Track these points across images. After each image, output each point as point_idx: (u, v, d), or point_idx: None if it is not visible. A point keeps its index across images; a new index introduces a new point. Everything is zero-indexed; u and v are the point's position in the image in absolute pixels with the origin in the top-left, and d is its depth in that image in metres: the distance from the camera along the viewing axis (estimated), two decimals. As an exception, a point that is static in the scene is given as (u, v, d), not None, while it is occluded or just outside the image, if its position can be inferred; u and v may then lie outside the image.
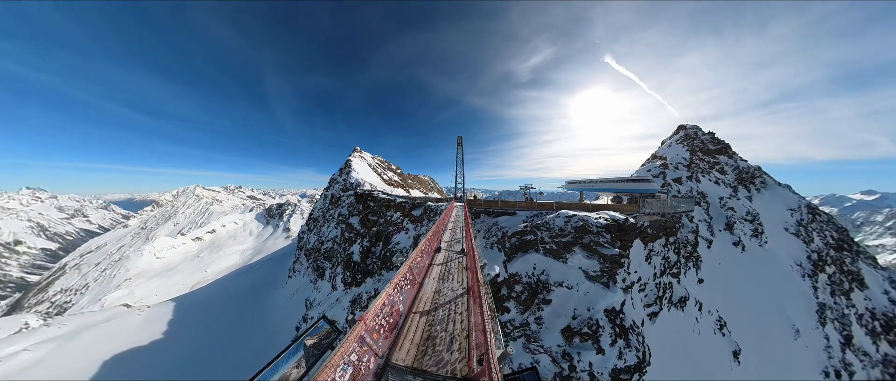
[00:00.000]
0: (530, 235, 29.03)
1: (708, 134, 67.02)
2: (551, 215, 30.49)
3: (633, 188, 46.63)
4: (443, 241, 13.86)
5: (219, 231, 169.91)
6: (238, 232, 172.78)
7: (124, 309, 55.59)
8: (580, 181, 63.73)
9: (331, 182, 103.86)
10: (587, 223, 27.92)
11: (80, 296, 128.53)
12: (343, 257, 62.75)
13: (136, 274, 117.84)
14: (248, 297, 68.21)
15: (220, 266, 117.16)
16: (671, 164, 62.75)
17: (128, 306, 58.24)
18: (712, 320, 35.43)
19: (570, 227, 28.25)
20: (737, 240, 46.20)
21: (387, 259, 49.01)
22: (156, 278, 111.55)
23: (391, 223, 50.20)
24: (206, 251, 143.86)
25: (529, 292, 25.80)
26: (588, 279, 25.46)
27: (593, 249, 26.45)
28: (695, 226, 45.53)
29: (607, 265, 25.52)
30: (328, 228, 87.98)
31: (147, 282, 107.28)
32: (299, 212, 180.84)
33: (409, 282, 7.14)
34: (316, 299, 65.15)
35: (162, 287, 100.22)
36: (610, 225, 27.67)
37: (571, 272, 26.18)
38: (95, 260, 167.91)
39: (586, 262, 26.32)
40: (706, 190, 57.10)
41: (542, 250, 28.19)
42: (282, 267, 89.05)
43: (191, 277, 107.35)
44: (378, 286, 42.34)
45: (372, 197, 59.85)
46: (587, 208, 34.83)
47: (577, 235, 27.57)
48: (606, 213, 30.06)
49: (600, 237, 26.65)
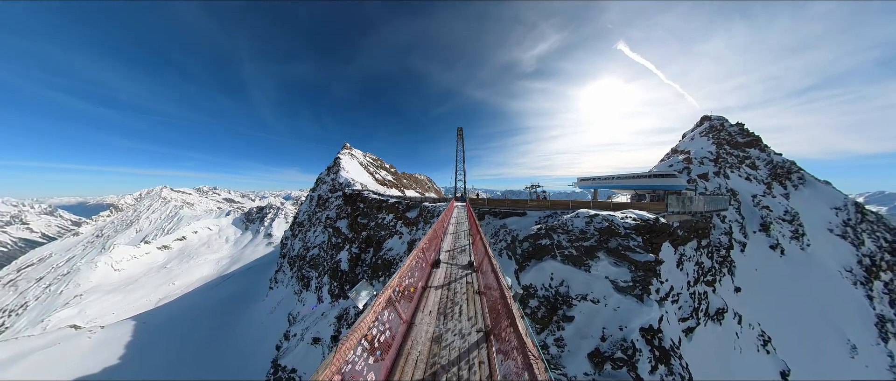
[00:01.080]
0: (545, 238, 26.28)
1: (736, 125, 64.73)
2: (569, 215, 27.78)
3: (657, 185, 44.16)
4: (442, 250, 11.06)
5: (190, 238, 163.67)
6: (212, 239, 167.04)
7: (71, 331, 52.04)
8: (593, 178, 61.25)
9: (317, 182, 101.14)
10: (613, 224, 25.19)
11: (16, 317, 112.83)
12: (330, 266, 59.93)
13: (88, 289, 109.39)
14: (223, 312, 64.93)
15: (191, 278, 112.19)
16: (695, 158, 60.34)
17: (76, 328, 54.73)
18: (754, 335, 32.83)
19: (592, 229, 25.53)
20: (774, 243, 43.73)
21: (378, 267, 46.23)
22: (113, 293, 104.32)
23: (383, 227, 47.38)
24: (175, 261, 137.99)
25: (547, 308, 23.05)
26: (617, 291, 22.73)
27: (622, 254, 23.72)
28: (728, 227, 43.01)
29: (640, 274, 22.80)
30: (314, 233, 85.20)
31: (102, 298, 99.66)
32: (283, 215, 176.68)
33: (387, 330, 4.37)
34: (300, 313, 62.28)
35: (120, 304, 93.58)
36: (640, 226, 24.97)
37: (596, 283, 23.45)
38: (37, 274, 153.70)
39: (614, 270, 23.59)
40: (736, 187, 54.67)
41: (560, 257, 25.44)
42: (262, 277, 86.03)
43: (155, 291, 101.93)
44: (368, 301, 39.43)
45: (361, 198, 57.05)
46: (607, 206, 32.18)
47: (602, 238, 24.84)
48: (632, 212, 27.38)
49: (630, 241, 23.93)
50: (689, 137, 70.67)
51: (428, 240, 9.60)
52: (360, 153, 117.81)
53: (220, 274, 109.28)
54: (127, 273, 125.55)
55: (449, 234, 14.88)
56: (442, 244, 12.05)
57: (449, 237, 13.89)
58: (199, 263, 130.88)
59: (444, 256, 10.42)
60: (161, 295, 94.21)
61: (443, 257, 10.25)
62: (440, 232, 12.53)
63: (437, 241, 11.09)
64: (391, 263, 43.71)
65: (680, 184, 41.74)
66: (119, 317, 74.29)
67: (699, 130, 69.82)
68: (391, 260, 43.53)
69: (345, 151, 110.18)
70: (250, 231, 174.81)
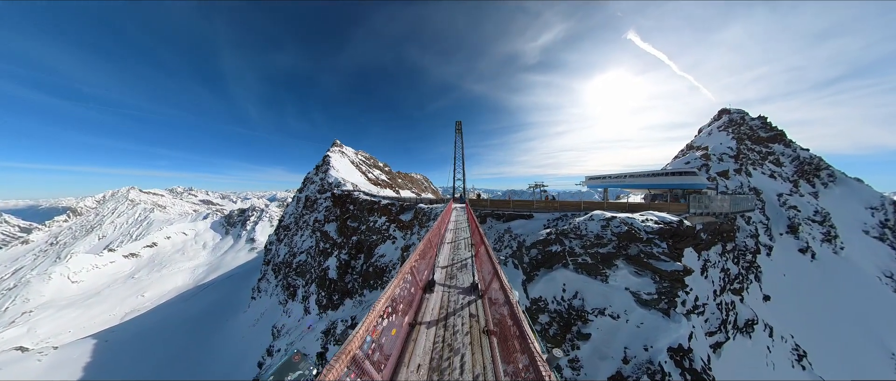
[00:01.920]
0: (556, 244, 24.61)
1: (758, 119, 63.35)
2: (581, 218, 26.12)
3: (674, 183, 42.61)
4: (437, 267, 9.32)
5: (161, 244, 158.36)
6: (187, 245, 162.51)
7: (18, 354, 49.33)
8: (603, 176, 59.69)
9: (305, 182, 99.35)
10: (633, 228, 23.54)
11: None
12: (317, 274, 58.14)
13: (39, 305, 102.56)
14: (199, 326, 62.69)
15: (163, 289, 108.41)
16: (714, 155, 58.93)
17: (23, 350, 51.86)
18: (788, 348, 31.30)
19: (609, 233, 23.87)
20: (804, 246, 42.31)
21: (369, 275, 44.50)
22: (69, 308, 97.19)
23: (375, 231, 45.63)
24: (144, 270, 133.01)
25: (560, 324, 21.38)
26: (640, 305, 21.08)
27: (644, 262, 22.07)
28: (754, 229, 41.54)
29: (666, 285, 21.16)
30: (301, 237, 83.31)
31: (56, 315, 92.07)
32: (267, 218, 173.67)
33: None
34: (285, 325, 60.49)
35: (78, 320, 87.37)
36: (663, 230, 23.33)
37: (616, 295, 21.80)
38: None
39: (635, 280, 21.93)
40: (759, 185, 53.25)
41: (573, 265, 23.78)
42: (244, 286, 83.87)
43: (121, 304, 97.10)
44: (357, 314, 37.74)
45: (351, 199, 55.25)
46: (623, 207, 30.59)
47: (621, 243, 23.19)
48: (653, 214, 25.77)
49: (653, 247, 22.28)
50: (707, 132, 69.30)
51: (419, 254, 7.87)
52: (352, 151, 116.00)
53: (197, 284, 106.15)
54: (87, 285, 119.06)
55: (446, 243, 13.14)
56: (437, 257, 10.31)
57: (446, 248, 12.15)
58: (173, 271, 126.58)
59: (440, 275, 8.67)
60: (127, 309, 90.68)
61: (438, 276, 8.51)
62: (435, 241, 10.80)
63: (431, 253, 9.34)
64: (383, 270, 41.99)
65: (700, 182, 40.22)
66: (77, 335, 70.90)
67: (717, 125, 68.45)
68: (383, 267, 41.81)
69: (335, 148, 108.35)
70: (231, 236, 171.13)
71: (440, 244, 12.39)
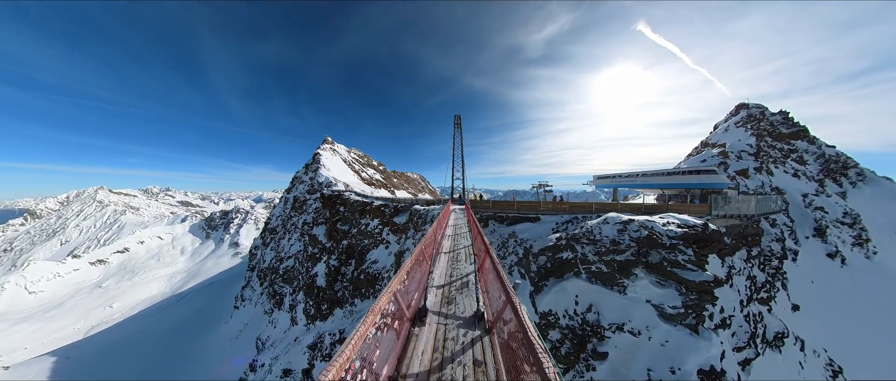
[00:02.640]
0: (567, 251, 23.07)
1: (778, 114, 62.15)
2: (594, 221, 24.62)
3: (693, 183, 41.24)
4: (431, 286, 7.75)
5: (134, 250, 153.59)
6: (163, 250, 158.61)
7: None
8: (613, 176, 58.31)
9: (294, 182, 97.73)
10: (654, 232, 22.04)
11: None
12: (305, 281, 56.49)
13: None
14: (176, 339, 60.64)
15: (135, 298, 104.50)
16: (732, 152, 57.64)
17: None
18: (821, 364, 29.85)
19: (626, 238, 22.36)
20: (833, 250, 41.01)
21: (361, 283, 42.92)
22: (26, 322, 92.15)
23: (366, 234, 44.04)
24: (114, 279, 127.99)
25: (573, 342, 19.84)
26: (664, 320, 19.56)
27: (668, 271, 20.56)
28: (779, 232, 40.16)
29: (693, 297, 19.65)
30: (289, 241, 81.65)
31: (10, 330, 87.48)
32: (252, 221, 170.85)
33: None
34: (270, 337, 58.88)
35: (36, 335, 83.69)
36: (688, 234, 21.84)
37: (636, 308, 20.27)
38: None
39: (658, 292, 20.41)
40: (782, 184, 51.96)
41: (586, 274, 22.25)
42: (226, 295, 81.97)
43: (86, 317, 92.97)
44: (345, 327, 36.13)
45: (342, 200, 53.62)
46: (638, 208, 29.13)
47: (640, 250, 21.69)
48: (673, 216, 24.30)
49: (678, 253, 20.77)
50: (723, 129, 68.07)
51: (408, 272, 6.29)
52: (344, 149, 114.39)
53: (174, 292, 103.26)
54: (47, 296, 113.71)
55: (443, 252, 11.56)
56: (432, 273, 8.73)
57: (443, 260, 10.57)
58: (147, 279, 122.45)
59: (435, 298, 7.10)
60: (94, 322, 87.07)
61: (432, 300, 6.94)
62: (430, 251, 9.21)
63: (423, 269, 7.75)
64: (376, 278, 40.45)
65: (721, 182, 38.87)
66: (34, 352, 67.85)
67: (734, 120, 67.22)
68: (376, 274, 40.26)
69: (326, 146, 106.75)
70: (212, 240, 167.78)
71: (436, 255, 10.82)
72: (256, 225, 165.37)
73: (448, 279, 8.40)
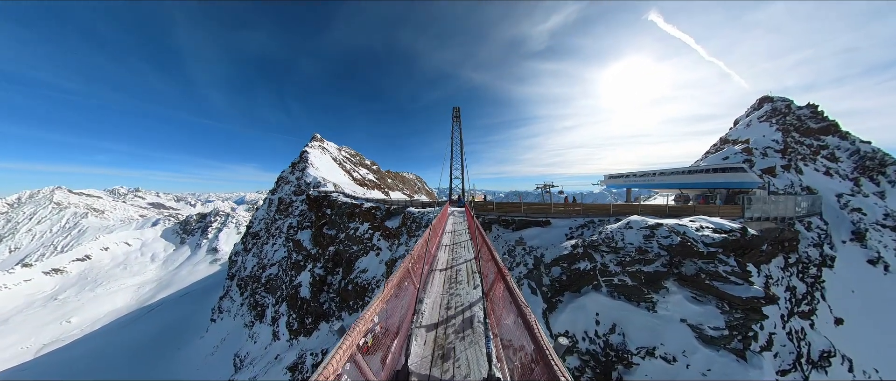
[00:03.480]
0: (584, 260, 20.82)
1: (806, 107, 60.25)
2: (615, 225, 22.42)
3: (719, 182, 39.12)
4: (419, 325, 5.45)
5: (97, 257, 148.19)
6: (131, 257, 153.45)
7: None
8: (626, 175, 56.19)
9: (279, 182, 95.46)
10: (687, 238, 19.85)
11: None
12: (288, 291, 54.12)
13: None
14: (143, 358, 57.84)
15: (98, 312, 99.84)
16: (756, 149, 55.58)
17: None
18: (871, 388, 27.61)
19: (655, 245, 20.15)
20: (874, 256, 38.89)
21: (348, 295, 40.57)
22: None
23: (355, 240, 41.69)
24: (72, 290, 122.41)
25: (595, 370, 17.56)
26: (704, 343, 17.32)
27: (706, 285, 18.34)
28: (816, 236, 38.04)
29: (739, 317, 17.43)
30: (273, 246, 79.29)
31: None
32: (233, 224, 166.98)
33: None
34: (250, 353, 56.44)
35: None
36: (727, 241, 19.66)
37: (669, 329, 18.02)
38: None
39: (695, 309, 18.18)
40: (813, 183, 49.88)
41: (608, 288, 20.00)
42: (203, 306, 79.25)
43: (39, 333, 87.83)
44: (330, 345, 33.67)
45: (328, 202, 51.27)
46: (660, 210, 26.95)
47: (672, 259, 19.48)
48: (705, 219, 22.15)
49: (718, 264, 18.57)
50: (744, 124, 66.13)
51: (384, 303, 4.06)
52: (334, 147, 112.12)
53: (142, 304, 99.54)
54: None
55: (438, 270, 9.26)
56: (421, 303, 6.45)
57: (437, 280, 8.29)
58: (111, 290, 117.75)
59: (422, 348, 4.86)
60: (47, 339, 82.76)
61: (418, 352, 4.71)
62: (419, 270, 6.91)
63: (409, 297, 5.48)
64: (365, 289, 38.12)
65: (751, 180, 36.77)
66: None
67: (757, 115, 65.29)
68: (365, 285, 37.93)
69: (314, 143, 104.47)
70: (188, 245, 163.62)
71: (428, 274, 8.53)
72: (238, 229, 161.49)
73: (444, 314, 6.10)
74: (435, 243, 11.49)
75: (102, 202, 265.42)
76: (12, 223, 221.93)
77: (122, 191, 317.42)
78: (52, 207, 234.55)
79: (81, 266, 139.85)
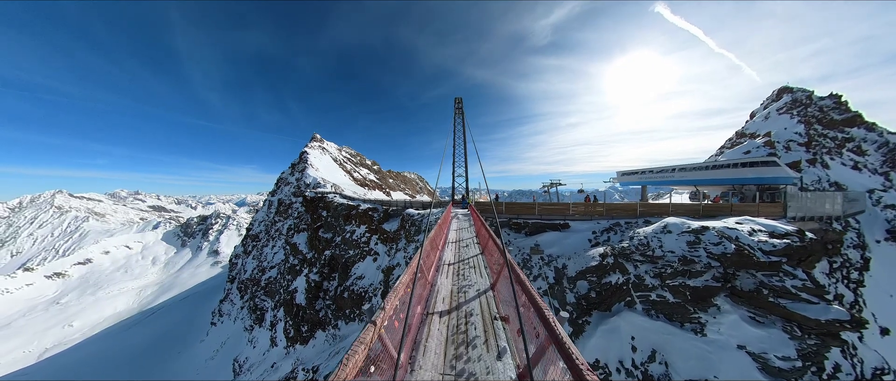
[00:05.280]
0: (614, 272, 17.21)
1: (829, 98, 56.18)
2: (648, 228, 18.83)
3: (749, 177, 35.29)
4: None
5: (98, 261, 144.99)
6: (132, 260, 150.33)
7: None
8: (641, 171, 52.32)
9: (279, 183, 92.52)
10: (741, 244, 16.19)
11: None
12: (284, 297, 50.96)
13: None
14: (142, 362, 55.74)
15: (99, 315, 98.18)
16: (778, 142, 51.64)
17: None
18: (934, 411, 23.76)
19: (703, 253, 16.52)
20: (915, 257, 35.23)
21: (344, 303, 37.19)
22: None
23: (351, 244, 38.28)
24: (74, 293, 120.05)
25: (635, 413, 13.97)
26: (770, 376, 13.68)
27: (768, 303, 14.71)
28: (855, 237, 34.20)
29: (813, 343, 13.78)
30: (273, 249, 76.37)
31: None
32: (234, 226, 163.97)
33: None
34: (249, 358, 53.55)
35: None
36: (791, 248, 16.01)
37: (724, 358, 14.42)
38: None
39: (755, 333, 14.57)
40: (841, 178, 45.98)
41: (644, 305, 16.42)
42: (204, 309, 76.53)
43: (41, 337, 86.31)
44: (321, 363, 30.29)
45: (324, 203, 47.93)
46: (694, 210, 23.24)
47: (725, 269, 15.85)
48: (753, 221, 18.50)
49: (785, 277, 14.93)
50: (762, 116, 62.04)
51: None
52: (334, 147, 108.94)
53: (144, 308, 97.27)
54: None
55: (437, 312, 5.71)
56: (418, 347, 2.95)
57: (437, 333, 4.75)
58: (112, 294, 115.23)
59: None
60: (49, 343, 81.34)
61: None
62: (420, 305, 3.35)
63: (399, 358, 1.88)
64: (361, 297, 34.74)
65: (786, 175, 33.02)
66: None
67: (776, 107, 61.22)
68: (361, 293, 34.54)
69: (314, 143, 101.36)
70: (189, 248, 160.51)
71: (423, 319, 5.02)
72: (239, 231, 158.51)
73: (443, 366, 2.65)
74: (432, 267, 7.95)
75: (103, 206, 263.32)
76: (14, 228, 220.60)
77: (123, 194, 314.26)
78: (54, 211, 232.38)
79: (83, 270, 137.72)
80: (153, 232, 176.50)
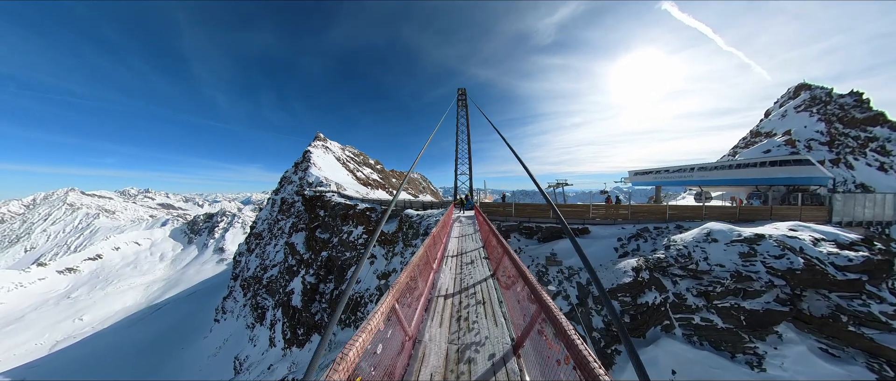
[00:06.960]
0: (650, 290, 13.98)
1: (849, 96, 52.25)
2: (687, 236, 15.59)
3: (780, 177, 31.64)
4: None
5: (108, 256, 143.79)
6: (141, 256, 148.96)
7: None
8: (656, 171, 48.79)
9: (282, 182, 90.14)
10: (807, 256, 12.93)
11: None
12: (282, 297, 48.36)
13: None
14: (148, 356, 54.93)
15: (108, 310, 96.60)
16: (799, 141, 47.94)
17: None
18: None
19: (761, 268, 13.27)
20: (959, 266, 31.70)
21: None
22: None
23: (348, 245, 35.36)
24: (84, 288, 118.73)
25: None
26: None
27: (847, 332, 11.48)
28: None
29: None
30: (275, 247, 73.96)
31: None
32: (239, 224, 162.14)
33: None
34: (249, 357, 51.44)
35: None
36: (871, 263, 12.76)
37: (795, 403, 11.16)
38: None
39: (832, 370, 11.37)
40: (867, 180, 42.27)
41: (685, 331, 13.20)
42: (208, 306, 74.63)
43: (52, 330, 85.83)
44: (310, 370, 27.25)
45: (322, 202, 45.11)
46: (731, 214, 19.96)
47: (792, 287, 12.61)
48: (815, 228, 15.23)
49: (868, 298, 11.69)
50: (779, 114, 58.14)
51: None
52: (338, 146, 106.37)
53: (151, 303, 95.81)
54: (8, 308, 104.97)
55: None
56: None
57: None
58: (121, 289, 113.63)
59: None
60: (60, 336, 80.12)
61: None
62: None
63: None
64: (358, 301, 31.78)
65: (821, 175, 29.54)
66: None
67: (793, 104, 57.27)
68: (357, 299, 31.57)
69: (317, 142, 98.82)
70: (195, 245, 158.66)
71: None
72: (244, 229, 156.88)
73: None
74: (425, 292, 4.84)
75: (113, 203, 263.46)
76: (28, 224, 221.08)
77: (133, 192, 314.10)
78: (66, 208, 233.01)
79: (93, 265, 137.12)
80: (161, 229, 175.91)
